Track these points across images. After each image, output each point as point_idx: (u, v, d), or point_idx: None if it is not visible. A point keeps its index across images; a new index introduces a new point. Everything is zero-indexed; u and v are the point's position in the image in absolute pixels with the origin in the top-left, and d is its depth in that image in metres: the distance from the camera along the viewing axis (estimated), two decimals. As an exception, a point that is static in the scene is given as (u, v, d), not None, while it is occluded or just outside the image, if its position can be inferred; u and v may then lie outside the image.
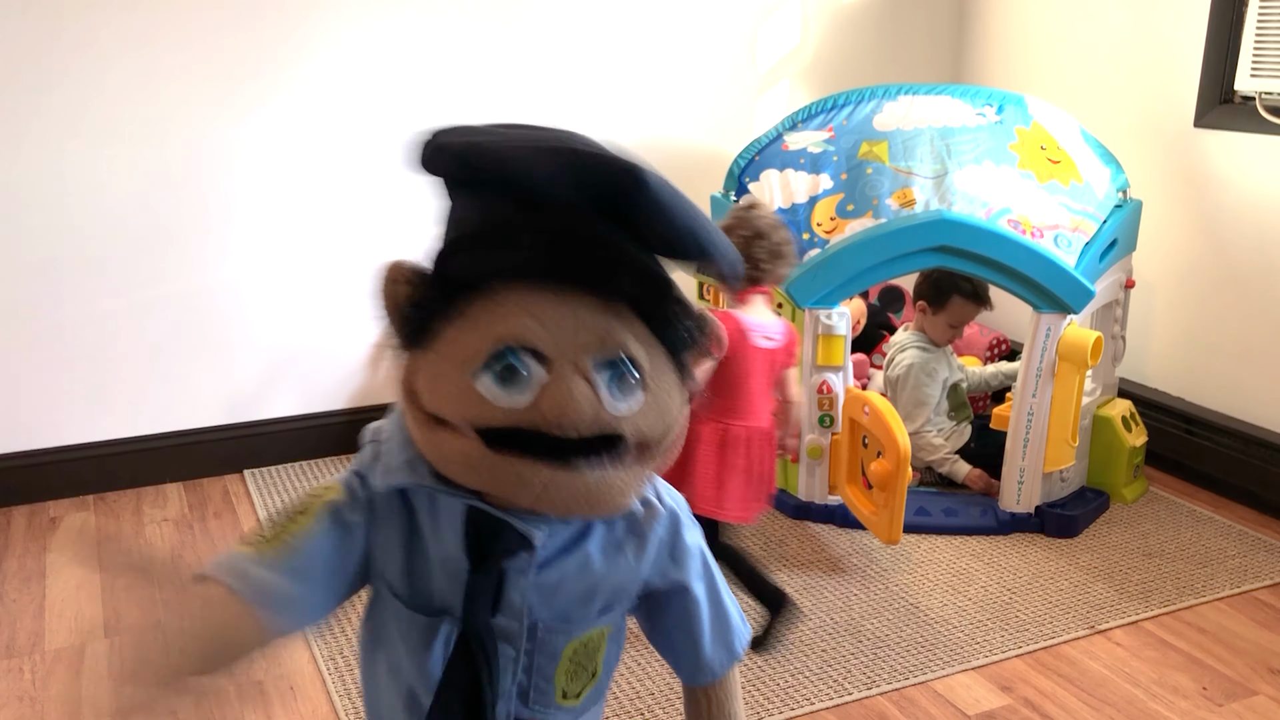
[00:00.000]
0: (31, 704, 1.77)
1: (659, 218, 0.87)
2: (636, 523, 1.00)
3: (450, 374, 0.86)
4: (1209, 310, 2.64)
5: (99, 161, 2.40)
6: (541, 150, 0.86)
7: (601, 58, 2.83)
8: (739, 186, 2.49)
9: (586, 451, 0.86)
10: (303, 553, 0.93)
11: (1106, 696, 1.81)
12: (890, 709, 1.77)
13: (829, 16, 3.09)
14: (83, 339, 2.47)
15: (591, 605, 0.98)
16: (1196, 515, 2.47)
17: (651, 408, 0.90)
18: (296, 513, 0.95)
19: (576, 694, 1.02)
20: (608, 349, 0.86)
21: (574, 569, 0.96)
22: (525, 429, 0.84)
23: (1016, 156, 2.36)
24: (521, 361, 0.84)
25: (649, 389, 0.89)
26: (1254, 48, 2.46)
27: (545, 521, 0.93)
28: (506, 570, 0.93)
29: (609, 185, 0.85)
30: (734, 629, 1.10)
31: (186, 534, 2.37)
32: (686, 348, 0.94)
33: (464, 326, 0.87)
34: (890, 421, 2.07)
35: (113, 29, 2.35)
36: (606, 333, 0.86)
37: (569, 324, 0.85)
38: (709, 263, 0.91)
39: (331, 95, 2.55)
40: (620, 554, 0.99)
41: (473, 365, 0.85)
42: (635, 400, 0.88)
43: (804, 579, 2.17)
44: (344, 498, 0.95)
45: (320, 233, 2.59)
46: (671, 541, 1.02)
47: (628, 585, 1.01)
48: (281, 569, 0.93)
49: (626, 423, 0.88)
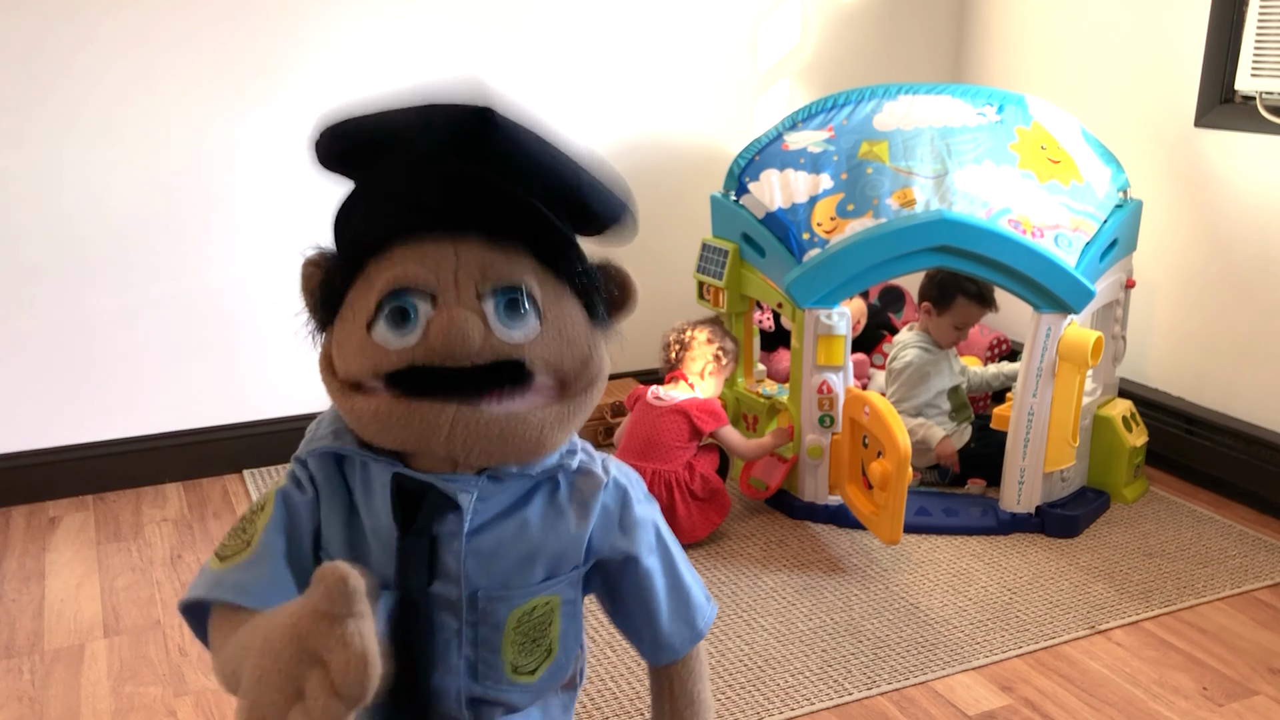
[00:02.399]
0: (31, 704, 1.77)
1: (516, 153, 0.90)
2: (579, 490, 1.00)
3: (353, 333, 0.91)
4: (1210, 310, 2.64)
5: (98, 161, 2.40)
6: (404, 109, 0.91)
7: (601, 57, 2.83)
8: (739, 186, 2.49)
9: (486, 381, 0.88)
10: (274, 545, 0.95)
11: (1107, 696, 1.81)
12: (890, 709, 1.77)
13: (829, 16, 3.08)
14: (82, 338, 2.47)
15: (532, 572, 0.98)
16: (1197, 515, 2.47)
17: (553, 338, 0.92)
18: (258, 509, 0.97)
19: (531, 671, 1.01)
20: (491, 278, 0.89)
21: (511, 533, 0.96)
22: (420, 365, 0.87)
23: (1017, 156, 2.36)
24: (408, 302, 0.88)
25: (547, 320, 0.91)
26: (1254, 47, 2.46)
27: (474, 485, 0.94)
28: (439, 535, 0.94)
29: (461, 127, 0.89)
30: (695, 605, 1.09)
31: (186, 534, 2.36)
32: (588, 287, 0.96)
33: (361, 287, 0.92)
34: (890, 421, 2.07)
35: (111, 27, 2.35)
36: (490, 265, 0.90)
37: (450, 261, 0.89)
38: (580, 202, 0.93)
39: (331, 94, 2.54)
40: (561, 518, 0.99)
41: (366, 317, 0.90)
42: (529, 328, 0.90)
43: (804, 579, 2.17)
44: (290, 482, 0.97)
45: (321, 232, 2.58)
46: (620, 513, 1.03)
47: (569, 552, 1.00)
48: (266, 564, 0.94)
49: (527, 350, 0.90)
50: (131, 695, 1.80)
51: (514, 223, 0.91)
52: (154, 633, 1.98)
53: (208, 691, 1.81)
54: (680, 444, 2.28)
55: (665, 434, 2.28)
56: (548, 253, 0.93)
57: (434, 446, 0.89)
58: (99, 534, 2.36)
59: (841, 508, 2.37)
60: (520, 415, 0.90)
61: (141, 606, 2.07)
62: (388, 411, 0.88)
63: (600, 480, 1.01)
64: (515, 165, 0.90)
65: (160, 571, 2.21)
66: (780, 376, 2.87)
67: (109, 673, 1.86)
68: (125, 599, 2.10)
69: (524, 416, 0.90)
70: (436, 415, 0.87)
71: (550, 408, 0.92)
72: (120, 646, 1.94)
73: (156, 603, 2.09)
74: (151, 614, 2.05)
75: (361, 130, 0.92)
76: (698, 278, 2.59)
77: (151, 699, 1.79)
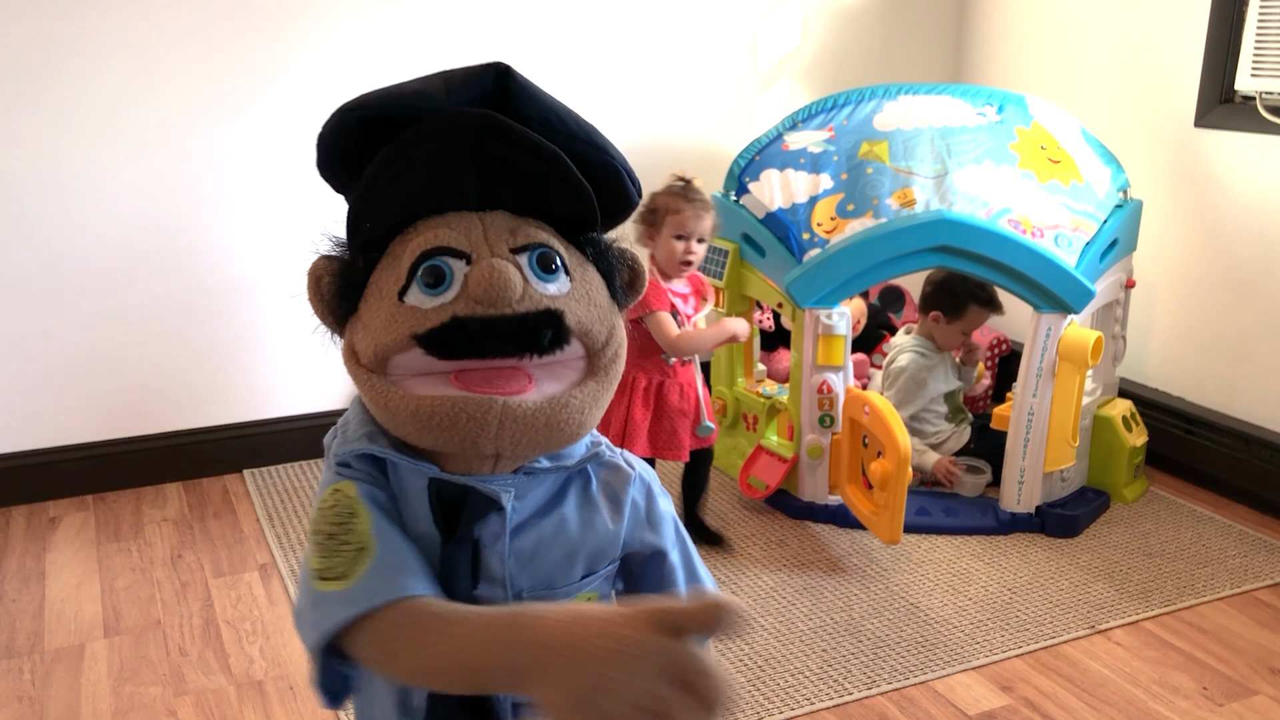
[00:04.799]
0: (31, 704, 1.77)
1: (531, 101, 0.90)
2: (609, 485, 0.99)
3: (382, 308, 0.88)
4: (1209, 310, 2.64)
5: (97, 161, 2.40)
6: (412, 82, 0.90)
7: (602, 57, 2.83)
8: (739, 186, 2.49)
9: (531, 333, 0.86)
10: (390, 532, 0.88)
11: (1107, 696, 1.81)
12: (890, 709, 1.77)
13: (829, 16, 3.08)
14: (81, 338, 2.47)
15: (573, 569, 0.97)
16: (1197, 515, 2.47)
17: (582, 298, 0.90)
18: (344, 517, 0.89)
19: None
20: (521, 237, 0.89)
21: (550, 531, 0.95)
22: (461, 317, 0.85)
23: (1017, 156, 2.36)
24: (442, 262, 0.86)
25: (574, 279, 0.90)
26: (1254, 47, 2.46)
27: (511, 482, 0.92)
28: (480, 538, 0.92)
29: (479, 85, 0.89)
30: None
31: (186, 534, 2.36)
32: (608, 262, 0.95)
33: (384, 265, 0.90)
34: (890, 421, 2.07)
35: (110, 27, 2.35)
36: (518, 226, 0.89)
37: (478, 227, 0.88)
38: (595, 147, 0.93)
39: (331, 93, 2.55)
40: (596, 513, 0.97)
41: (399, 286, 0.87)
42: (563, 283, 0.89)
43: (804, 579, 2.17)
44: (360, 485, 0.90)
45: (321, 232, 2.58)
46: (646, 506, 1.02)
47: (607, 549, 0.99)
48: (404, 552, 0.88)
49: (562, 303, 0.88)
50: (131, 695, 1.79)
51: (542, 182, 0.90)
52: (154, 633, 1.98)
53: (208, 691, 1.81)
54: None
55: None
56: (572, 221, 0.93)
57: (481, 445, 0.86)
58: (99, 534, 2.36)
59: (841, 508, 2.37)
60: (561, 399, 0.88)
61: (141, 606, 2.07)
62: (430, 410, 0.85)
63: (628, 474, 1.00)
64: (536, 114, 0.90)
65: (160, 571, 2.21)
66: (780, 376, 2.87)
67: (109, 673, 1.86)
68: (125, 599, 2.10)
69: (565, 400, 0.88)
70: (485, 411, 0.84)
71: (585, 385, 0.90)
72: (120, 646, 1.94)
73: (156, 603, 2.09)
74: (151, 614, 2.05)
75: (378, 101, 0.90)
76: (698, 278, 2.59)
77: (151, 699, 1.79)
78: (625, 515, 0.99)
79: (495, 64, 0.88)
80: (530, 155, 0.89)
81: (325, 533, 0.89)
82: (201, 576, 2.19)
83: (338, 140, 0.92)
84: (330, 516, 0.89)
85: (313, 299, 0.94)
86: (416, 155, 0.88)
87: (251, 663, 1.89)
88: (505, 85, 0.89)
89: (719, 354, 2.63)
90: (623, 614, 0.71)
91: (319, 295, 0.94)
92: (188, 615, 2.04)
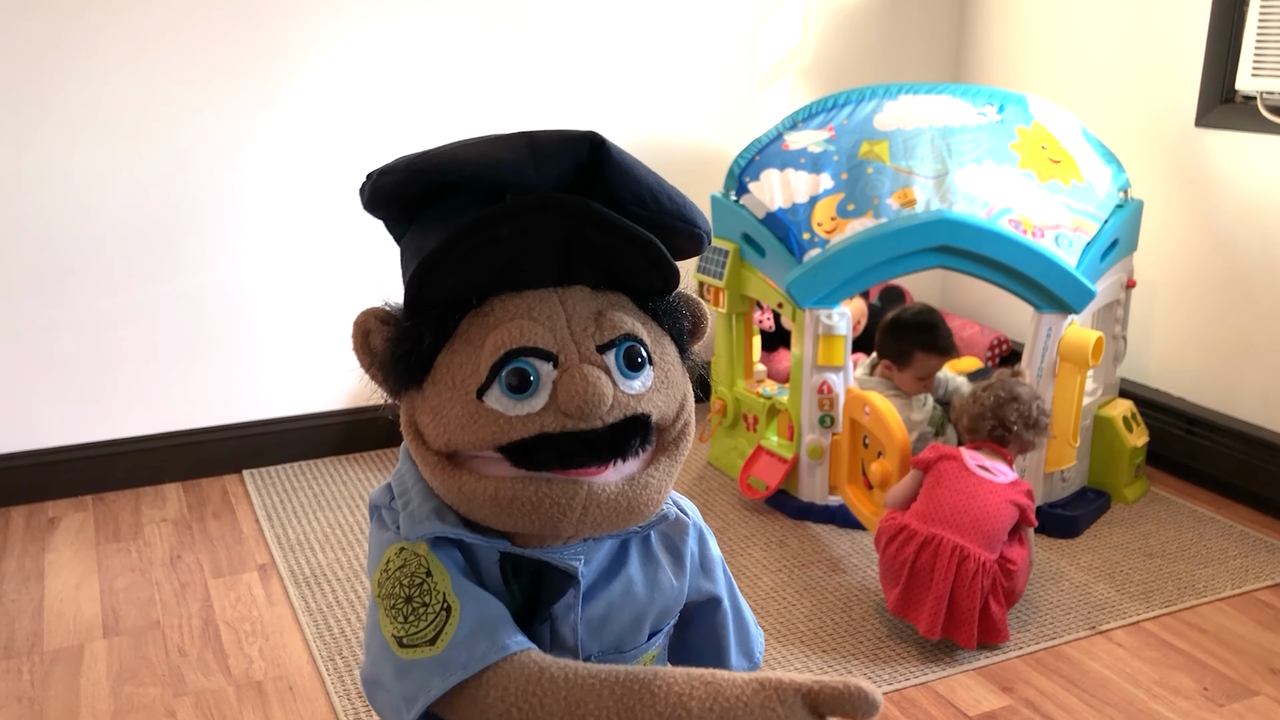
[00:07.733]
0: (30, 704, 1.77)
1: (626, 176, 0.83)
2: (667, 536, 0.96)
3: (455, 400, 0.81)
4: (1210, 310, 2.64)
5: (101, 161, 2.40)
6: (494, 141, 0.83)
7: (601, 58, 2.83)
8: (739, 186, 2.49)
9: (620, 443, 0.82)
10: (471, 588, 0.85)
11: (1107, 697, 1.81)
12: (890, 709, 1.77)
13: (829, 16, 3.08)
14: (82, 338, 2.47)
15: (641, 631, 0.95)
16: (1198, 515, 2.46)
17: (662, 384, 0.86)
18: (419, 579, 0.84)
19: None
20: (607, 330, 0.82)
21: (619, 595, 0.92)
22: (551, 433, 0.79)
23: (1017, 156, 2.36)
24: (528, 364, 0.79)
25: (655, 364, 0.86)
26: (1255, 47, 2.46)
27: (580, 552, 0.89)
28: (554, 610, 0.89)
29: (570, 157, 0.82)
30: (753, 637, 1.08)
31: (185, 534, 2.36)
32: (679, 323, 0.91)
33: (456, 348, 0.82)
34: (890, 421, 2.07)
35: (117, 29, 2.35)
36: (601, 314, 0.83)
37: (560, 315, 0.82)
38: (685, 221, 0.88)
39: (336, 95, 2.55)
40: (660, 570, 0.95)
41: (476, 383, 0.80)
42: (647, 376, 0.84)
43: (804, 579, 2.17)
44: (424, 544, 0.86)
45: (321, 232, 2.59)
46: (700, 553, 0.99)
47: (672, 605, 0.97)
48: (488, 606, 0.85)
49: (646, 402, 0.83)
50: (131, 696, 1.79)
51: (632, 264, 0.84)
52: (153, 633, 1.98)
53: (207, 692, 1.80)
54: (1005, 535, 1.93)
55: (997, 519, 1.90)
56: (653, 293, 0.88)
57: (563, 529, 0.83)
58: (99, 534, 2.36)
59: (841, 508, 2.37)
60: (640, 480, 0.84)
61: (141, 607, 2.07)
62: (511, 496, 0.80)
63: (685, 524, 0.98)
64: (629, 190, 0.83)
65: (160, 572, 2.20)
66: (780, 376, 2.87)
67: (108, 673, 1.85)
68: (125, 599, 2.10)
69: (644, 481, 0.84)
70: (570, 498, 0.80)
71: (659, 463, 0.86)
72: (120, 647, 1.93)
73: (156, 603, 2.09)
74: (151, 614, 2.04)
75: (457, 169, 0.82)
76: (698, 278, 2.59)
77: (151, 699, 1.78)
78: (687, 569, 0.97)
79: (589, 134, 0.82)
80: (624, 242, 0.83)
81: (401, 596, 0.83)
82: (201, 577, 2.18)
83: (399, 191, 0.86)
84: (402, 578, 0.84)
85: (359, 353, 0.88)
86: (500, 233, 0.81)
87: (251, 663, 1.89)
88: (599, 157, 0.83)
89: (719, 354, 2.63)
90: (765, 685, 0.72)
91: (367, 351, 0.87)
92: (187, 616, 2.04)
